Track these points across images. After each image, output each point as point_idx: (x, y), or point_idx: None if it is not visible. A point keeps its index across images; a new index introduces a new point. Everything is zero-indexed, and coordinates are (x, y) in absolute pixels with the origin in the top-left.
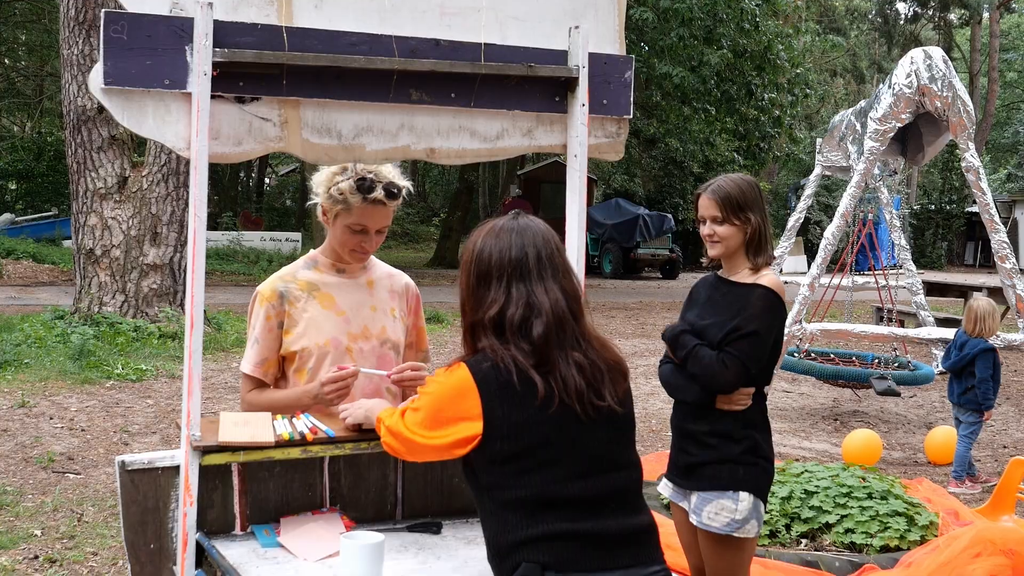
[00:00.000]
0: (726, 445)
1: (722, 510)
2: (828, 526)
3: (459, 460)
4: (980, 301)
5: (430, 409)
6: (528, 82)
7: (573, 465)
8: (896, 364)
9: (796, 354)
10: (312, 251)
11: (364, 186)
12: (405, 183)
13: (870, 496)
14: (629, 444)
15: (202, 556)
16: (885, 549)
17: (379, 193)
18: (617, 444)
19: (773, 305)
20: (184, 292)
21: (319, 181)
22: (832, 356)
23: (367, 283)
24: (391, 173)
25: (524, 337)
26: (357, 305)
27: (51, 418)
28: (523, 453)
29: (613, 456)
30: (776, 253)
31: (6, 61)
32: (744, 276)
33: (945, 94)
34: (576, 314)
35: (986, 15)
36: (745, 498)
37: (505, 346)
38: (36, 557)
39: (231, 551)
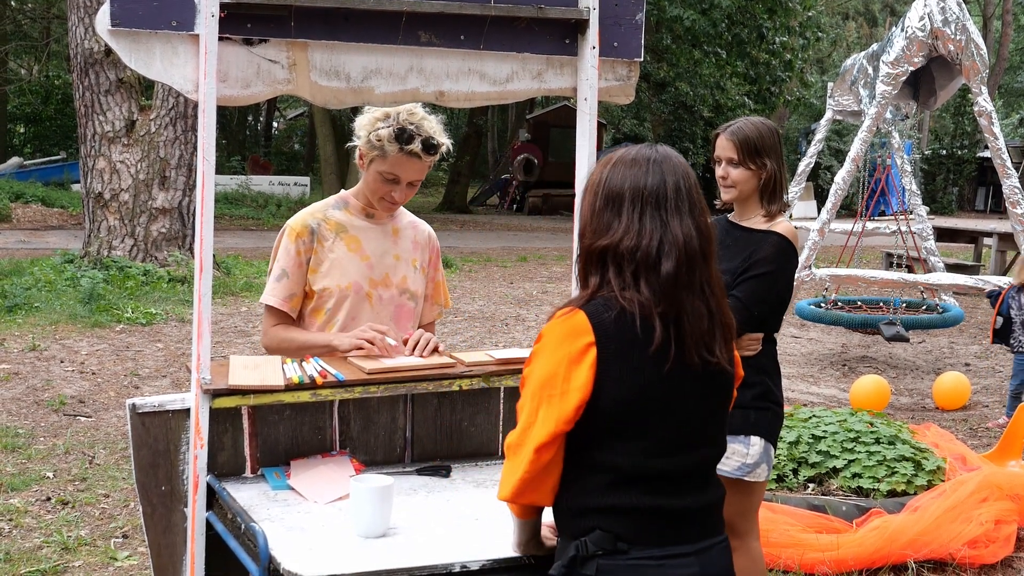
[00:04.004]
0: (739, 391)
1: (733, 454)
2: (835, 471)
3: (472, 401)
4: None
5: (535, 398)
6: (538, 24)
7: (666, 438)
8: (925, 308)
9: (823, 305)
10: (344, 191)
11: (403, 136)
12: (445, 140)
13: (877, 441)
14: (724, 414)
15: (213, 498)
16: (892, 494)
17: (416, 146)
18: (715, 415)
19: (785, 252)
20: (193, 236)
21: (361, 124)
22: (859, 304)
23: (392, 231)
24: (433, 128)
25: (654, 273)
26: (382, 252)
27: (62, 361)
28: (629, 419)
29: (707, 429)
30: (786, 198)
31: (12, 3)
32: (757, 222)
33: (958, 37)
34: (706, 255)
35: None
36: (756, 442)
37: (626, 287)
38: (48, 499)
39: (241, 493)
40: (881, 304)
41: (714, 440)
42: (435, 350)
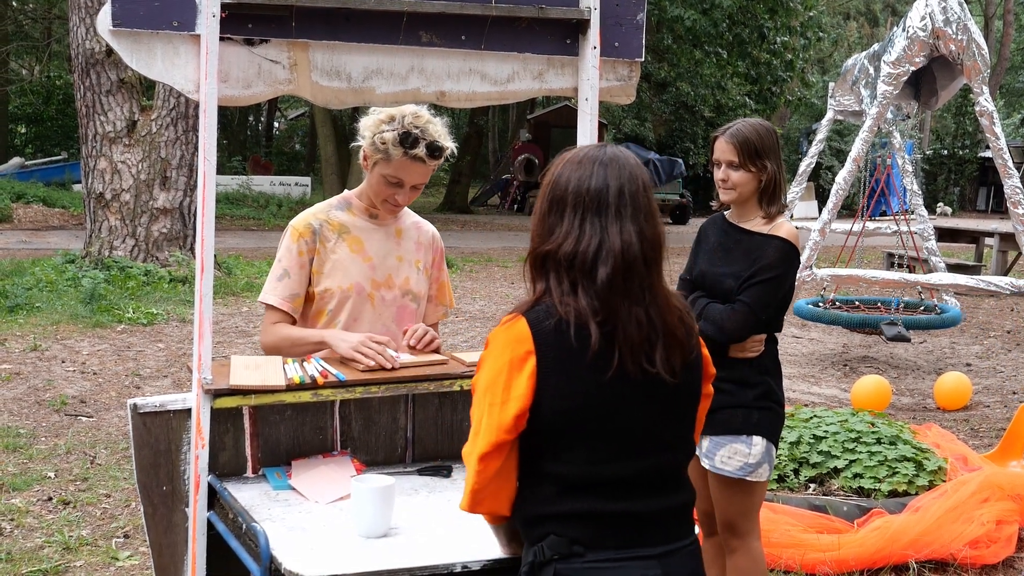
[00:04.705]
0: (741, 391)
1: (735, 454)
2: (836, 471)
3: (471, 403)
4: None
5: (484, 407)
6: (539, 24)
7: (615, 444)
8: (923, 308)
9: (821, 304)
10: (347, 192)
11: (407, 140)
12: (450, 144)
13: (879, 441)
14: (680, 420)
15: (214, 498)
16: (893, 494)
17: (421, 150)
18: (666, 419)
19: (788, 256)
20: (194, 236)
21: (366, 126)
22: (857, 303)
23: (396, 232)
24: (438, 131)
25: (589, 279)
26: (384, 253)
27: (63, 361)
28: (568, 428)
29: (658, 434)
30: (787, 198)
31: (14, 3)
32: (757, 224)
33: (960, 37)
34: (649, 262)
35: None
36: (758, 442)
37: (564, 294)
38: (50, 499)
39: (243, 493)
40: (879, 304)
41: (674, 445)
42: (436, 350)
